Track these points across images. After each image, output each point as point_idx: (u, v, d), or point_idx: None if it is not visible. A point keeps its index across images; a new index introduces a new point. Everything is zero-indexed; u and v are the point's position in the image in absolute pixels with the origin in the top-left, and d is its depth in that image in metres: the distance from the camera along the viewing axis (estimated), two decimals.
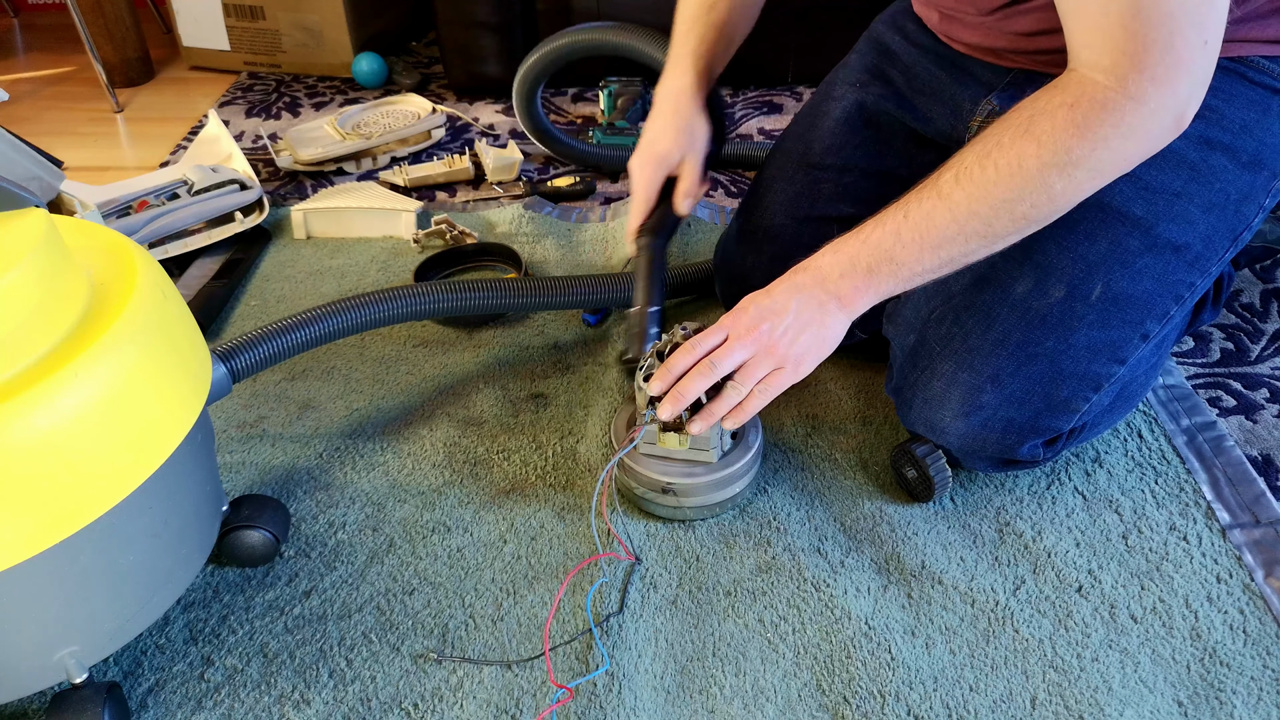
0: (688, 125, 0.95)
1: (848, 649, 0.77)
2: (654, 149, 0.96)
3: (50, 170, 1.23)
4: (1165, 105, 0.68)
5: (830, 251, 0.79)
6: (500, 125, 1.78)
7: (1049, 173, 0.70)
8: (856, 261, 0.77)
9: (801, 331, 0.78)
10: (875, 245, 0.76)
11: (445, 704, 0.74)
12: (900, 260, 0.75)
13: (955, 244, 0.74)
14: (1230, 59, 0.82)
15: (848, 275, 0.77)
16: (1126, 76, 0.66)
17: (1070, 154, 0.69)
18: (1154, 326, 0.83)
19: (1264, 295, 1.20)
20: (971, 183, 0.72)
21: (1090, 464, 0.94)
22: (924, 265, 0.75)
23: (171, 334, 0.69)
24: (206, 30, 2.04)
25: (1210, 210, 0.82)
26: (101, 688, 0.70)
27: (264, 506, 0.85)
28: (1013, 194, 0.71)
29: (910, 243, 0.75)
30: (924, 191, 0.75)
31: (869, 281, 0.77)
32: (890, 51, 1.04)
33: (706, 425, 0.81)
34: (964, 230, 0.73)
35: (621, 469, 0.88)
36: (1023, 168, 0.70)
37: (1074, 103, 0.69)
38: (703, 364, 0.79)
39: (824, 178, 1.03)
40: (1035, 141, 0.70)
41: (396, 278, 1.29)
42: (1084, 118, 0.68)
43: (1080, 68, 0.70)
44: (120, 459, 0.63)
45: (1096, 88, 0.68)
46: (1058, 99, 0.70)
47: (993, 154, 0.71)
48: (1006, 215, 0.72)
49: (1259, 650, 0.77)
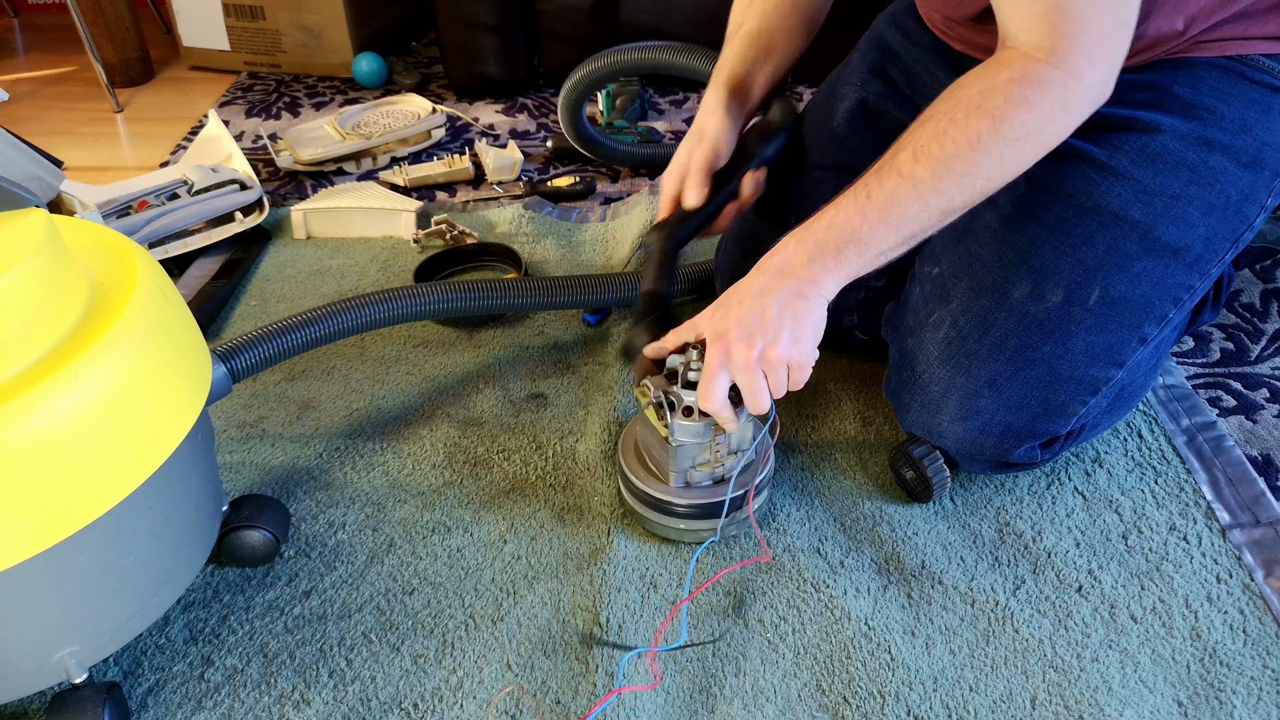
0: (698, 130, 0.96)
1: (847, 649, 0.77)
2: (673, 159, 0.98)
3: (50, 170, 1.23)
4: (1097, 80, 0.74)
5: (793, 241, 0.79)
6: (500, 125, 1.78)
7: (1004, 145, 0.74)
8: (824, 246, 0.77)
9: (780, 315, 0.77)
10: (841, 228, 0.77)
11: (445, 704, 0.74)
12: (866, 240, 0.76)
13: (919, 220, 0.76)
14: (1229, 57, 0.82)
15: (815, 259, 0.77)
16: (1066, 56, 0.72)
17: (1023, 127, 0.73)
18: (1152, 329, 0.83)
19: (1264, 295, 1.20)
20: (931, 159, 0.74)
21: (1090, 464, 0.94)
22: (889, 243, 0.77)
23: (171, 334, 0.69)
24: (206, 30, 2.04)
25: (1210, 212, 0.82)
26: (101, 688, 0.70)
27: (264, 506, 0.85)
28: (971, 167, 0.74)
29: (876, 222, 0.76)
30: (883, 172, 0.77)
31: (837, 263, 0.77)
32: (892, 50, 1.04)
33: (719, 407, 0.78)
34: (927, 207, 0.75)
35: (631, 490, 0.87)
36: (980, 142, 0.73)
37: (1021, 79, 0.73)
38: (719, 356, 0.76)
39: (825, 177, 1.03)
40: (990, 118, 0.73)
41: (396, 278, 1.29)
42: (1032, 93, 0.72)
43: (1020, 46, 0.74)
44: (120, 459, 0.63)
45: (1039, 65, 0.72)
46: (1004, 75, 0.73)
47: (948, 131, 0.74)
48: (966, 188, 0.75)
49: (1259, 650, 0.77)
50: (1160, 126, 0.81)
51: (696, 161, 0.95)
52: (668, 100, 1.83)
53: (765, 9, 0.98)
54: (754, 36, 0.99)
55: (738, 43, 0.99)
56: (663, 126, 1.70)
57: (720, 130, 0.95)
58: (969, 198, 0.76)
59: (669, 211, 0.97)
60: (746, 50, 0.99)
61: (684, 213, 0.95)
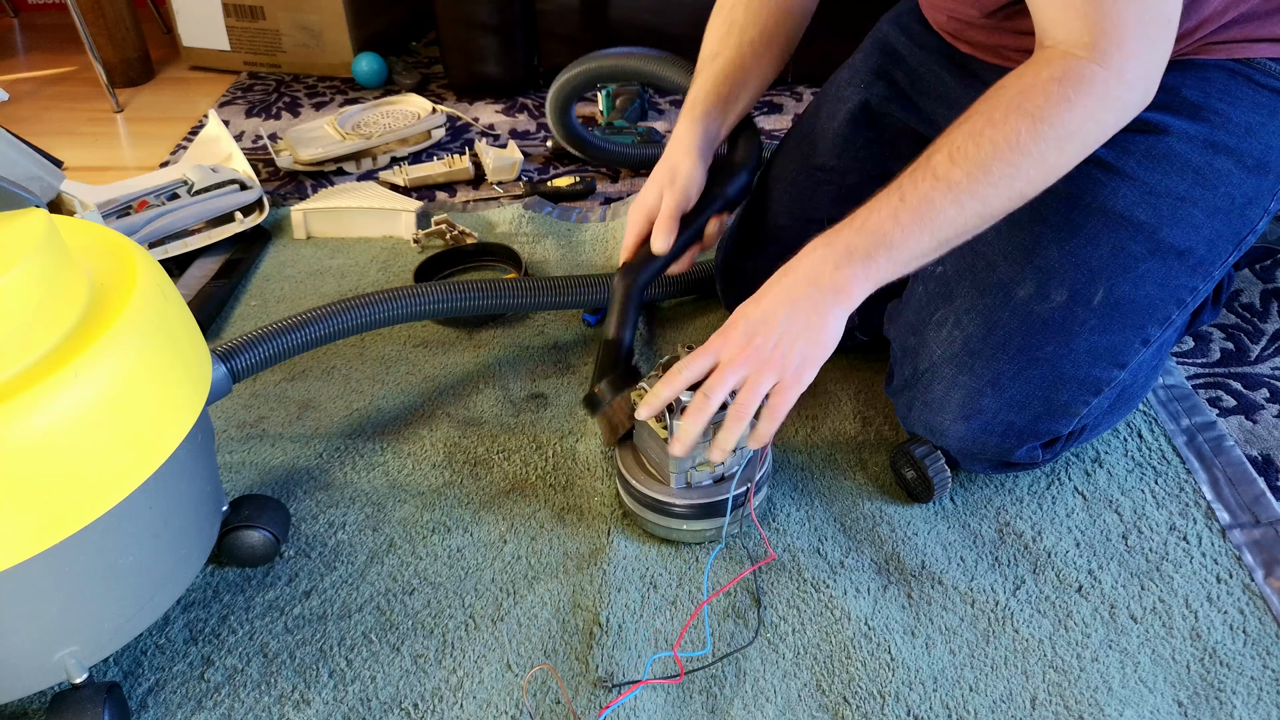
0: (670, 170, 0.94)
1: (847, 649, 0.77)
2: (639, 197, 0.96)
3: (50, 170, 1.23)
4: (1140, 77, 0.72)
5: (822, 245, 0.77)
6: (500, 125, 1.78)
7: (1045, 145, 0.71)
8: (853, 250, 0.75)
9: (796, 339, 0.75)
10: (872, 232, 0.75)
11: (445, 704, 0.74)
12: (898, 244, 0.74)
13: (954, 224, 0.74)
14: (1237, 60, 0.82)
15: (843, 265, 0.75)
16: (1108, 52, 0.70)
17: (1065, 126, 0.71)
18: (1155, 331, 0.83)
19: (1264, 295, 1.20)
20: (968, 161, 0.72)
21: (1090, 464, 0.94)
22: (922, 248, 0.75)
23: (171, 334, 0.69)
24: (206, 30, 2.04)
25: (1215, 214, 0.82)
26: (101, 688, 0.70)
27: (264, 506, 0.85)
28: (1010, 169, 0.72)
29: (909, 225, 0.74)
30: (917, 174, 0.74)
31: (866, 269, 0.75)
32: (896, 53, 1.03)
33: (686, 450, 0.78)
34: (963, 210, 0.73)
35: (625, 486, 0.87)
36: (1019, 142, 0.71)
37: (1062, 77, 0.71)
38: (697, 400, 0.76)
39: (827, 179, 1.03)
40: (1030, 117, 0.71)
41: (396, 278, 1.29)
42: (1074, 91, 0.70)
43: (1058, 44, 0.72)
44: (120, 459, 0.63)
45: (1080, 63, 0.70)
46: (1045, 73, 0.71)
47: (985, 131, 0.72)
48: (1005, 190, 0.73)
49: (1259, 650, 0.77)
50: (1168, 128, 0.81)
51: (668, 206, 0.93)
52: (668, 100, 1.83)
53: (741, 43, 0.97)
54: (729, 70, 0.97)
55: (712, 76, 0.97)
56: (663, 127, 1.70)
57: (692, 172, 0.94)
58: (1007, 201, 0.74)
59: (633, 251, 0.95)
60: (721, 85, 0.97)
61: (649, 255, 0.95)
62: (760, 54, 0.98)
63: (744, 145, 1.02)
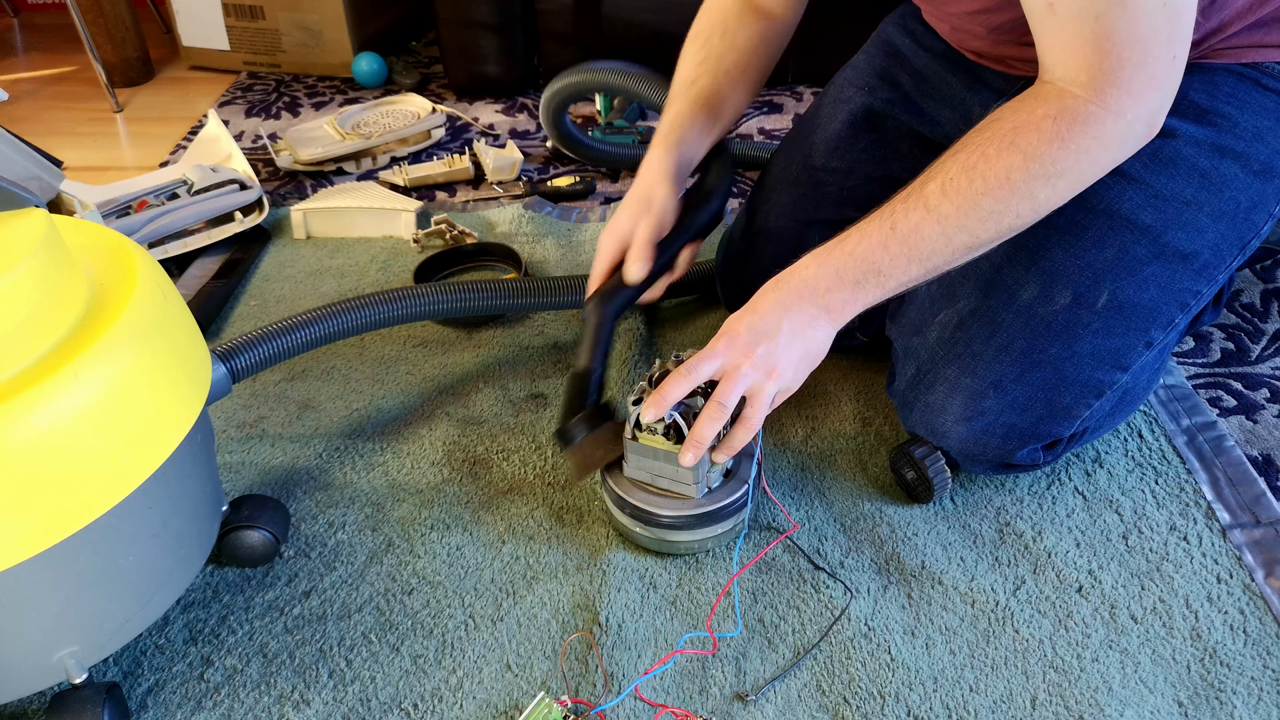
0: (645, 197, 0.94)
1: (848, 649, 0.77)
2: (613, 222, 0.95)
3: (50, 170, 1.23)
4: (1140, 116, 0.71)
5: (815, 263, 0.78)
6: (500, 125, 1.78)
7: (1035, 183, 0.71)
8: (844, 274, 0.76)
9: (793, 349, 0.77)
10: (862, 258, 0.76)
11: (445, 704, 0.74)
12: (887, 272, 0.75)
13: (941, 255, 0.75)
14: (1244, 64, 0.82)
15: (834, 289, 0.77)
16: (1105, 92, 0.69)
17: (1056, 165, 0.71)
18: (1158, 334, 0.83)
19: (1264, 295, 1.20)
20: (959, 195, 0.73)
21: (1090, 464, 0.94)
22: (910, 276, 0.76)
23: (171, 334, 0.69)
24: (206, 30, 2.04)
25: (1220, 218, 0.82)
26: (101, 688, 0.70)
27: (264, 506, 0.85)
28: (1000, 205, 0.72)
29: (898, 255, 0.75)
30: (909, 202, 0.75)
31: (855, 294, 0.77)
32: (900, 54, 1.03)
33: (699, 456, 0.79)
34: (951, 242, 0.74)
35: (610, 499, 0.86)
36: (1010, 180, 0.71)
37: (1056, 115, 0.70)
38: (711, 407, 0.77)
39: (828, 180, 1.03)
40: (1021, 154, 0.71)
41: (396, 278, 1.29)
42: (1068, 130, 0.70)
43: (1056, 81, 0.71)
44: (120, 459, 0.63)
45: (1077, 101, 0.70)
46: (1040, 110, 0.71)
47: (978, 166, 0.72)
48: (994, 225, 0.73)
49: (1259, 650, 0.77)
50: (1175, 131, 0.80)
51: (642, 234, 0.93)
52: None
53: (717, 71, 0.97)
54: (706, 97, 0.97)
55: (688, 103, 0.97)
56: None
57: (666, 200, 0.93)
58: (995, 235, 0.74)
59: (604, 278, 0.95)
60: (698, 113, 0.97)
61: (620, 283, 0.94)
62: (736, 82, 0.99)
63: (715, 172, 1.02)
